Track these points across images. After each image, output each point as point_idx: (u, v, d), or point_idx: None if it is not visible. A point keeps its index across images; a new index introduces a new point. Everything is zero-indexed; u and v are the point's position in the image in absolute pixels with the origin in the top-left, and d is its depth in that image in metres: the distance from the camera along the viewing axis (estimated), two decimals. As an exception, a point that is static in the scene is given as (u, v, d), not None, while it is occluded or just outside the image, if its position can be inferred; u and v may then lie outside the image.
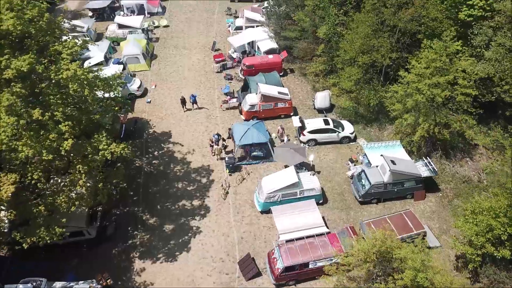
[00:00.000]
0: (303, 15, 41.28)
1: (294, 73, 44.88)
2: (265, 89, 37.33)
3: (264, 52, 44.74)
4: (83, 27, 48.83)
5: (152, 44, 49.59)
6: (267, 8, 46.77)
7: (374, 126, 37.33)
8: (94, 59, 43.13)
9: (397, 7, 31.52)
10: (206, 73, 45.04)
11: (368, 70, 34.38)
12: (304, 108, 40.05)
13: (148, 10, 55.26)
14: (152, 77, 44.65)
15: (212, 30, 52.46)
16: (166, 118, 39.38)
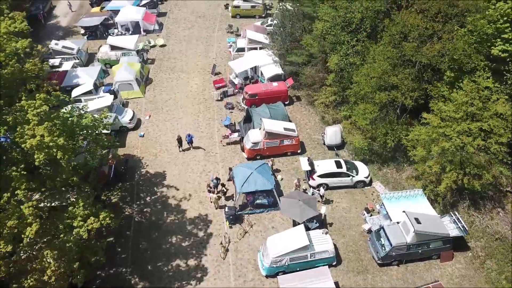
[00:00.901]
0: (311, 39, 37.19)
1: (301, 101, 40.77)
2: (270, 125, 33.26)
3: (268, 78, 40.65)
4: (72, 48, 44.83)
5: (147, 66, 45.55)
6: (271, 30, 42.60)
7: (391, 166, 33.20)
8: (83, 87, 39.09)
9: (420, 41, 27.30)
10: (206, 101, 40.98)
11: (386, 107, 30.17)
12: (313, 144, 35.94)
13: (144, 28, 51.22)
14: (146, 106, 40.61)
15: (212, 50, 48.37)
16: (161, 155, 35.34)
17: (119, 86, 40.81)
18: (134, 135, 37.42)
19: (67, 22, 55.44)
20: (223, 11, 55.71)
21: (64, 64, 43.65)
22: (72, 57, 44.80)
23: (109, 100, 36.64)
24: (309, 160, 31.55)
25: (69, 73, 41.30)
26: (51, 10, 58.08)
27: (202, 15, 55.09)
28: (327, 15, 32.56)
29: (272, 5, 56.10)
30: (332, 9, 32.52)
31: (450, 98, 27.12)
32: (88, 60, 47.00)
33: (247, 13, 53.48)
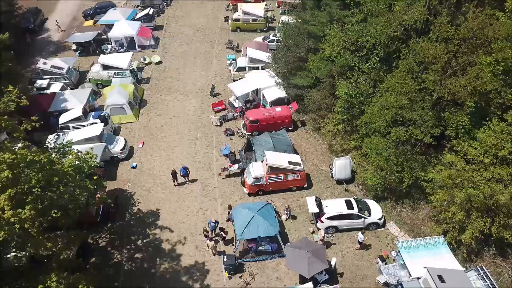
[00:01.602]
0: (317, 62, 34.05)
1: (306, 127, 37.60)
2: (273, 159, 30.11)
3: (270, 102, 37.48)
4: (62, 68, 41.71)
5: (141, 87, 42.42)
6: (274, 48, 39.40)
7: (406, 204, 30.02)
8: (71, 113, 35.95)
9: (443, 73, 24.10)
10: (204, 126, 37.82)
11: (403, 144, 26.95)
12: (320, 177, 32.76)
13: (139, 44, 48.09)
14: (139, 132, 37.47)
15: (211, 68, 45.21)
16: (154, 190, 32.22)
17: (110, 110, 37.71)
18: (126, 166, 34.29)
19: (59, 36, 52.37)
20: (222, 24, 52.58)
21: (52, 86, 40.49)
22: (62, 77, 41.64)
23: (98, 129, 33.50)
24: (317, 200, 28.41)
25: (57, 96, 38.21)
26: (42, 23, 54.97)
27: (200, 28, 51.94)
28: (336, 39, 29.32)
29: (274, 17, 52.93)
30: (341, 33, 29.29)
31: (476, 137, 23.97)
32: (80, 79, 43.85)
33: (248, 27, 50.32)
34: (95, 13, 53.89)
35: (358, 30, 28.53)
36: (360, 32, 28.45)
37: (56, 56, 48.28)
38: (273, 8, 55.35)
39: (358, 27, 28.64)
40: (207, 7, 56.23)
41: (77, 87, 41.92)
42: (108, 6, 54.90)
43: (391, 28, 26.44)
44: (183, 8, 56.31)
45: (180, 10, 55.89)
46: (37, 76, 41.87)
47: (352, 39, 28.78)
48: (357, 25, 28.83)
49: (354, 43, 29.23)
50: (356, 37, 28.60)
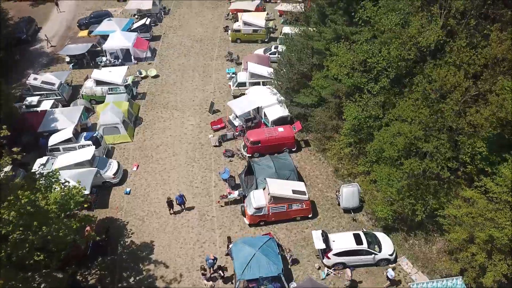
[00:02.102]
0: (322, 80, 31.82)
1: (310, 148, 35.31)
2: (276, 188, 27.86)
3: (272, 121, 35.23)
4: (53, 84, 39.45)
5: (136, 103, 40.16)
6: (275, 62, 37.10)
7: (418, 235, 27.76)
8: (61, 134, 33.70)
9: (463, 104, 21.78)
10: (202, 147, 35.56)
11: (417, 177, 24.62)
12: (326, 204, 30.49)
13: (135, 56, 45.85)
14: (134, 153, 35.22)
15: (210, 82, 42.93)
16: (148, 219, 29.97)
17: (103, 130, 35.49)
18: (119, 191, 32.05)
19: (51, 48, 50.04)
20: (222, 35, 50.30)
21: (43, 103, 38.23)
22: (53, 93, 39.39)
23: (89, 153, 31.27)
24: (323, 235, 26.15)
25: (48, 115, 35.96)
26: (36, 33, 52.75)
27: (199, 39, 49.67)
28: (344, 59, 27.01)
29: (275, 27, 50.66)
30: (349, 54, 26.99)
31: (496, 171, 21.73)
32: (72, 94, 41.60)
33: (248, 38, 48.04)
34: (90, 23, 51.70)
35: (367, 50, 26.20)
36: (369, 52, 26.11)
37: (49, 69, 46.23)
38: (275, 17, 53.05)
39: (367, 47, 26.31)
40: (206, 16, 54.00)
41: (69, 103, 39.72)
42: (104, 15, 52.74)
43: (404, 50, 24.11)
44: (181, 17, 54.07)
45: (178, 19, 53.64)
46: (27, 92, 39.63)
47: (361, 59, 26.46)
48: (366, 45, 26.47)
49: (362, 62, 26.93)
50: (365, 58, 26.28)
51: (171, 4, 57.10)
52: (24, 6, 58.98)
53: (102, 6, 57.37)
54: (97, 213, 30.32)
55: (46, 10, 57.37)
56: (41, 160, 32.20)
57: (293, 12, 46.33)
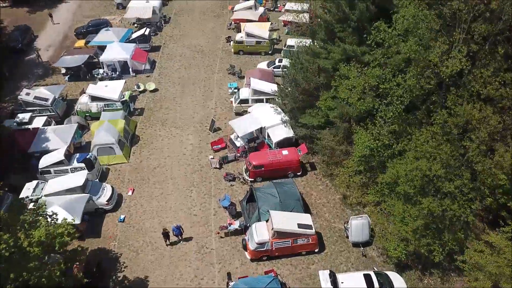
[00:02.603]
0: (330, 101, 29.61)
1: (316, 171, 33.05)
2: (280, 222, 25.66)
3: (276, 143, 32.98)
4: (47, 99, 37.27)
5: (133, 120, 37.96)
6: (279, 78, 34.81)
7: (434, 275, 25.53)
8: (52, 156, 31.51)
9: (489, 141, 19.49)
10: (201, 169, 33.34)
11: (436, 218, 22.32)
12: (333, 237, 28.24)
13: (133, 68, 43.64)
14: (129, 176, 33.03)
15: (211, 97, 40.70)
16: (143, 251, 27.78)
17: (98, 150, 33.33)
18: (112, 218, 29.88)
19: (48, 57, 47.96)
20: (224, 45, 48.03)
21: (35, 120, 36.06)
22: (46, 109, 37.21)
23: (80, 179, 29.13)
24: (331, 276, 23.91)
25: (39, 134, 33.79)
26: (32, 41, 50.54)
27: (200, 50, 47.43)
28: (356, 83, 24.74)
29: (279, 38, 48.37)
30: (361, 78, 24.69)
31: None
32: (67, 109, 39.40)
33: (251, 49, 45.78)
34: (87, 32, 49.47)
35: (380, 75, 23.88)
36: (383, 77, 23.80)
37: (44, 81, 44.23)
38: (279, 26, 50.75)
39: (379, 72, 23.98)
40: (208, 25, 51.74)
41: (63, 119, 37.55)
42: (102, 23, 50.57)
43: (423, 78, 21.82)
44: (182, 26, 51.82)
45: (179, 29, 51.40)
46: (19, 108, 37.49)
47: (373, 84, 24.18)
48: (379, 69, 24.13)
49: (374, 87, 24.65)
50: (378, 83, 23.99)
51: (172, 11, 54.85)
52: (21, 13, 56.89)
53: (101, 14, 55.16)
54: (89, 243, 28.20)
55: (44, 18, 55.15)
56: (30, 184, 30.12)
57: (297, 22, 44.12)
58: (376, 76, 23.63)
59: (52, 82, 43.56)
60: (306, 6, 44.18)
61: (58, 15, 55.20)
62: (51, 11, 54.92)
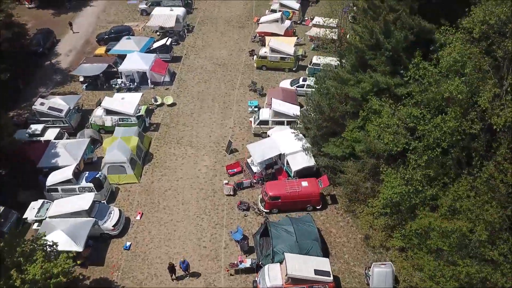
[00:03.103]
0: (357, 132, 27.11)
1: (337, 205, 30.48)
2: (295, 267, 23.30)
3: (295, 172, 30.59)
4: (61, 110, 35.80)
5: (148, 136, 36.14)
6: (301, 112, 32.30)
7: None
8: (61, 173, 29.89)
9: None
10: (214, 195, 31.22)
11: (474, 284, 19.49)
12: (353, 283, 25.67)
13: (152, 80, 41.93)
14: (139, 197, 31.18)
15: (230, 114, 38.56)
16: (148, 283, 25.84)
17: (108, 168, 31.62)
18: (118, 245, 28.05)
19: (68, 62, 46.76)
20: (247, 59, 45.85)
21: (47, 132, 34.63)
22: (60, 120, 35.75)
23: (87, 202, 27.39)
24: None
25: (49, 148, 32.30)
26: (53, 46, 49.48)
27: (222, 63, 45.38)
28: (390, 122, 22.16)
29: (305, 54, 45.90)
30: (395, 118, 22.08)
31: None
32: (82, 120, 37.91)
33: (274, 65, 43.45)
34: (109, 39, 48.05)
35: (417, 116, 21.20)
36: (420, 118, 21.12)
37: (62, 87, 42.90)
38: (305, 41, 48.24)
39: (417, 112, 21.29)
40: (232, 36, 49.67)
41: (77, 132, 36.09)
42: (124, 30, 49.13)
43: (465, 121, 19.09)
44: (205, 37, 49.88)
45: (202, 39, 49.47)
46: (33, 118, 36.18)
47: (410, 124, 21.53)
48: (417, 109, 21.44)
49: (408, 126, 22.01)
50: (414, 124, 21.34)
51: (196, 20, 52.99)
52: (46, 15, 56.06)
53: (125, 19, 53.80)
54: (91, 272, 26.43)
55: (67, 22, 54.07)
56: (35, 203, 28.58)
57: (325, 39, 41.69)
58: (414, 116, 20.95)
59: (70, 90, 42.31)
60: (335, 22, 41.86)
61: (82, 19, 54.15)
62: (74, 17, 53.95)
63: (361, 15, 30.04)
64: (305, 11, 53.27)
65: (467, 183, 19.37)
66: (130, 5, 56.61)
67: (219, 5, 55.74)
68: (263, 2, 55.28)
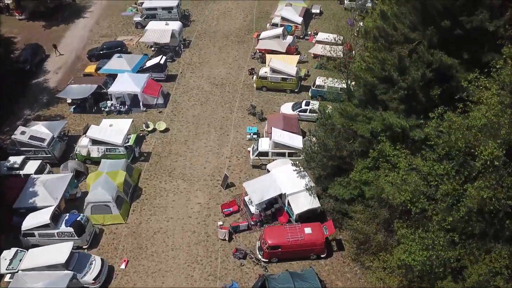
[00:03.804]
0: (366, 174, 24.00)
1: (343, 253, 27.27)
2: None
3: (297, 215, 27.43)
4: (43, 140, 32.71)
5: (137, 168, 33.04)
6: (305, 149, 29.03)
7: None
8: (38, 217, 26.83)
9: None
10: (208, 239, 28.10)
11: None
12: None
13: (144, 102, 38.79)
14: (125, 241, 28.11)
15: (227, 142, 35.40)
16: None
17: (92, 208, 28.59)
18: (98, 301, 24.90)
19: (57, 81, 43.73)
20: (246, 78, 42.65)
21: (27, 165, 31.60)
22: (43, 150, 32.70)
23: (64, 253, 24.37)
24: None
25: (27, 186, 29.24)
26: (42, 62, 46.42)
27: (219, 82, 42.20)
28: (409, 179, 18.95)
29: (308, 73, 42.63)
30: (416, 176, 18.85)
31: None
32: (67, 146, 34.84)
33: (275, 86, 40.28)
34: (101, 55, 44.94)
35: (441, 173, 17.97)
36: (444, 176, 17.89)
37: (48, 110, 39.86)
38: (308, 58, 44.94)
39: (441, 169, 18.04)
40: (231, 52, 46.45)
41: (60, 163, 33.02)
42: (117, 46, 46.03)
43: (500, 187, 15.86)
44: (203, 52, 46.68)
45: (199, 55, 46.28)
46: (13, 148, 33.10)
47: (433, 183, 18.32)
48: (438, 165, 18.21)
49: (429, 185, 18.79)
50: (437, 183, 18.11)
51: (193, 34, 49.77)
52: (37, 27, 53.02)
53: (118, 33, 50.66)
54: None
55: (59, 34, 51.14)
56: (7, 253, 25.58)
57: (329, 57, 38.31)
58: (438, 174, 17.73)
59: (57, 113, 39.36)
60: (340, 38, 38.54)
61: (73, 33, 51.07)
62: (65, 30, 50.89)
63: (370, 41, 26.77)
64: (308, 24, 49.94)
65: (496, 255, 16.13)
66: (124, 17, 53.44)
67: (218, 17, 52.54)
68: (264, 14, 52.07)
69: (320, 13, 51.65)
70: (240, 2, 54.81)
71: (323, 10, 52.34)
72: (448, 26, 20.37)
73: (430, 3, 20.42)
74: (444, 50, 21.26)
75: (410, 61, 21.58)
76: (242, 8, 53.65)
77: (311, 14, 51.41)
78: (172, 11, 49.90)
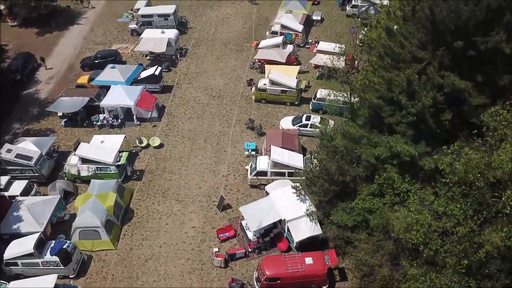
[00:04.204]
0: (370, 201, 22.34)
1: (346, 284, 25.53)
2: None
3: (297, 242, 25.70)
4: (30, 158, 31.01)
5: (129, 189, 31.33)
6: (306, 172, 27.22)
7: None
8: (21, 245, 25.13)
9: None
10: (202, 267, 26.39)
11: None
12: None
13: (138, 116, 37.08)
14: (114, 269, 26.44)
15: (224, 159, 33.68)
16: None
17: (80, 233, 26.91)
18: (85, 337, 23.23)
19: (48, 92, 42.04)
20: (244, 90, 40.89)
21: (13, 185, 29.94)
22: (30, 169, 31.02)
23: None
24: None
25: (11, 210, 27.55)
26: (34, 71, 44.74)
27: (217, 94, 40.46)
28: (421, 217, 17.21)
29: (309, 84, 40.88)
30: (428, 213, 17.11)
31: None
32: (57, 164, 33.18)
33: (275, 99, 38.53)
34: (95, 64, 43.24)
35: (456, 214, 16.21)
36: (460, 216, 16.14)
37: (39, 123, 38.17)
38: (309, 68, 43.15)
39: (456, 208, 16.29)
40: (229, 62, 44.68)
41: (49, 182, 31.32)
42: (111, 55, 44.28)
43: None
44: (200, 62, 44.93)
45: (196, 64, 44.53)
46: (0, 167, 31.45)
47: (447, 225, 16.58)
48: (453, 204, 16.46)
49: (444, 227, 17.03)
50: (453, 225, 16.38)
51: (191, 42, 47.99)
52: (29, 34, 51.30)
53: (113, 41, 48.92)
54: None
55: (52, 42, 49.45)
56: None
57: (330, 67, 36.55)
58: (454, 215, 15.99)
59: (47, 126, 37.66)
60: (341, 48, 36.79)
61: (67, 40, 49.35)
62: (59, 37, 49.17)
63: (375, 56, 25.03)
64: (308, 32, 48.14)
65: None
66: (119, 24, 51.71)
67: (216, 24, 50.77)
68: (264, 21, 50.30)
69: (321, 20, 49.85)
70: (239, 8, 53.08)
71: (324, 17, 50.52)
72: (461, 46, 18.60)
73: (441, 22, 18.63)
74: (456, 71, 19.51)
75: (419, 82, 19.82)
76: (241, 15, 51.88)
77: (312, 21, 49.57)
78: (168, 18, 48.11)
